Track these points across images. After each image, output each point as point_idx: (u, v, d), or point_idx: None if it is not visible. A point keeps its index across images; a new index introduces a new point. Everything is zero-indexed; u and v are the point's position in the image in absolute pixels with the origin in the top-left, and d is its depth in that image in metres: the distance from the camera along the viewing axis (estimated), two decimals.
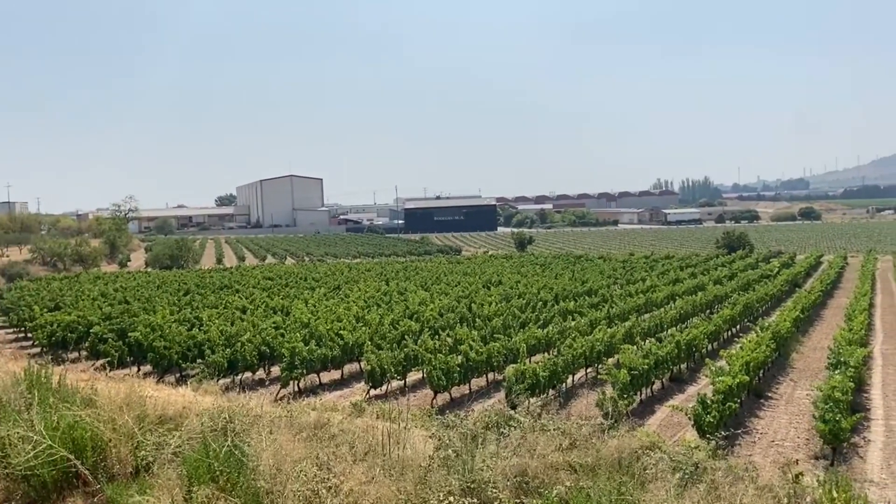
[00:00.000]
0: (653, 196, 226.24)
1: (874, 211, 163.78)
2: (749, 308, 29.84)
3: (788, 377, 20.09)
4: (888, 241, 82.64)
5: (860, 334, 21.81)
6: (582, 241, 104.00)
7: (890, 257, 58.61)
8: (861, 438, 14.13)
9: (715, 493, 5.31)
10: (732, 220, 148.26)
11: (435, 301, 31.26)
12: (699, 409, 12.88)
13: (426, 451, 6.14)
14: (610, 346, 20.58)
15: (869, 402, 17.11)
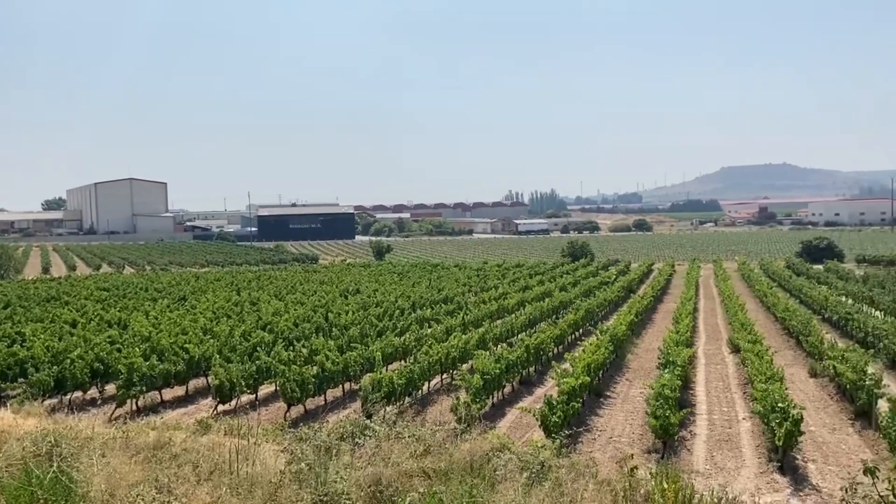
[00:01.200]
0: (505, 207, 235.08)
1: (697, 223, 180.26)
2: (590, 313, 31.73)
3: (625, 377, 21.55)
4: (710, 250, 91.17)
5: (686, 336, 23.86)
6: (439, 250, 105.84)
7: (711, 265, 64.63)
8: (688, 432, 15.41)
9: (559, 489, 5.58)
10: (576, 231, 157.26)
11: (290, 311, 30.48)
12: (546, 410, 13.48)
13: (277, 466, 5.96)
14: (464, 352, 21.07)
15: (694, 398, 18.72)
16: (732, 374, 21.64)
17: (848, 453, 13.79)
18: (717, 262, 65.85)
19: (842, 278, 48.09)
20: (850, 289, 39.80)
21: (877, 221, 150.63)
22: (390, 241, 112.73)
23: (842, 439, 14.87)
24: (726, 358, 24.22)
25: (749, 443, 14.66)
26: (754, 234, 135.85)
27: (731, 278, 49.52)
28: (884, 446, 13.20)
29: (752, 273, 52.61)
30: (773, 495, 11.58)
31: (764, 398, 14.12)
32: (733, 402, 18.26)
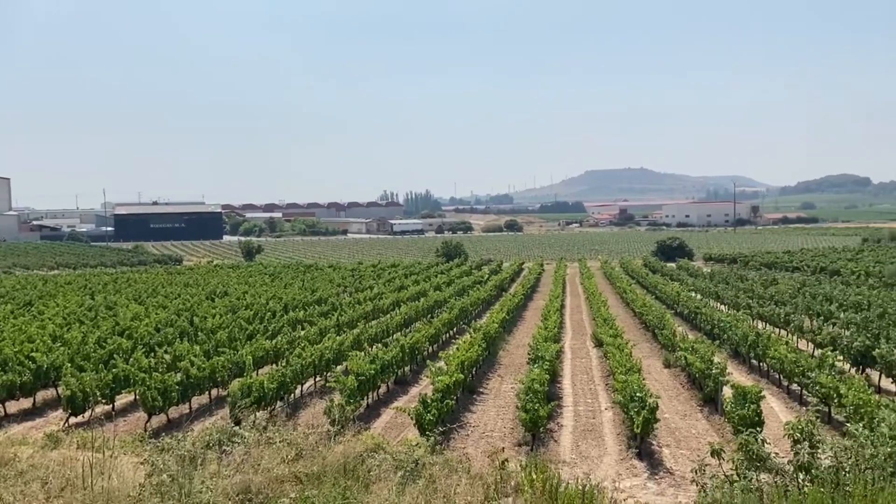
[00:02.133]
0: (380, 207, 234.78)
1: (564, 224, 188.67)
2: (464, 312, 32.36)
3: (497, 373, 22.16)
4: (575, 249, 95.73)
5: (554, 332, 24.90)
6: (312, 250, 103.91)
7: (577, 264, 67.84)
8: (556, 424, 16.07)
9: (433, 486, 5.64)
10: (450, 231, 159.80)
11: (151, 315, 28.81)
12: (420, 409, 13.58)
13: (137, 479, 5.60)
14: (339, 354, 20.81)
15: (561, 391, 19.55)
16: (596, 366, 22.81)
17: (697, 437, 14.92)
18: (581, 261, 69.26)
19: (692, 275, 52.03)
20: (699, 285, 43.15)
21: (721, 222, 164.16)
22: (261, 242, 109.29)
23: (692, 424, 16.07)
24: (590, 352, 25.49)
25: (611, 431, 15.51)
26: (615, 234, 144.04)
27: (595, 276, 52.23)
28: (728, 430, 14.39)
29: (614, 271, 55.77)
30: (632, 480, 12.32)
31: (624, 389, 15.00)
32: (597, 393, 19.24)
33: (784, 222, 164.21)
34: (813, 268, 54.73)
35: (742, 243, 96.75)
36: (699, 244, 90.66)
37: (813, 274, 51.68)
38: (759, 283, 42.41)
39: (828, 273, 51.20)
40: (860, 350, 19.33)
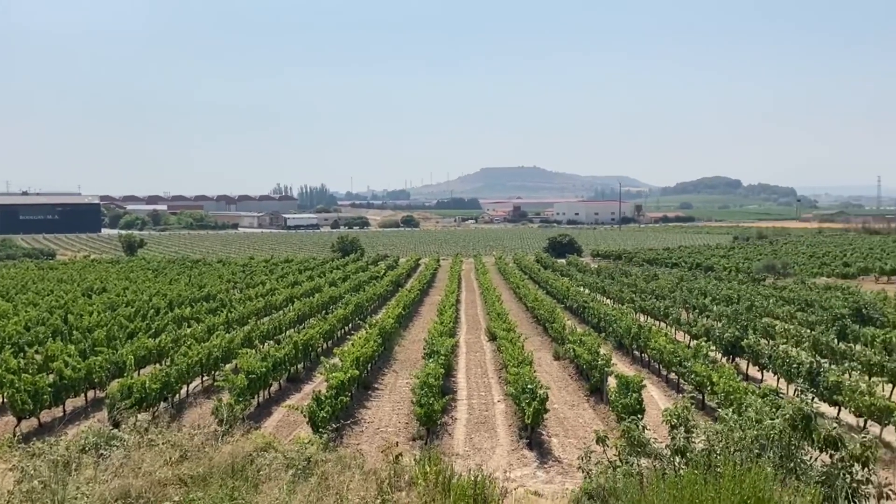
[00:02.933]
0: (273, 200, 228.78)
1: (460, 220, 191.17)
2: (360, 307, 32.11)
3: (392, 368, 22.16)
4: (471, 246, 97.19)
5: (449, 326, 25.18)
6: (200, 245, 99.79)
7: (472, 260, 68.89)
8: (450, 417, 16.26)
9: (325, 483, 5.56)
10: (346, 226, 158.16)
11: (20, 313, 26.77)
12: (314, 406, 13.36)
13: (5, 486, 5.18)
14: (228, 352, 20.12)
15: (456, 385, 19.81)
16: (490, 360, 23.26)
17: (584, 426, 15.53)
18: (477, 256, 70.44)
19: (580, 271, 54.08)
20: (587, 280, 44.91)
21: (608, 220, 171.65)
22: (144, 236, 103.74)
23: (580, 414, 16.71)
24: (484, 346, 25.97)
25: (503, 423, 15.87)
26: (509, 230, 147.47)
27: (490, 272, 53.24)
28: (613, 418, 15.07)
29: (508, 267, 57.07)
30: (523, 469, 12.66)
31: (516, 381, 15.39)
32: (490, 386, 19.63)
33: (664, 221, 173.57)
34: (690, 264, 58.22)
35: (627, 240, 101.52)
36: (588, 241, 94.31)
37: (690, 270, 54.95)
38: (641, 279, 44.64)
39: (703, 269, 54.62)
40: (730, 340, 20.74)
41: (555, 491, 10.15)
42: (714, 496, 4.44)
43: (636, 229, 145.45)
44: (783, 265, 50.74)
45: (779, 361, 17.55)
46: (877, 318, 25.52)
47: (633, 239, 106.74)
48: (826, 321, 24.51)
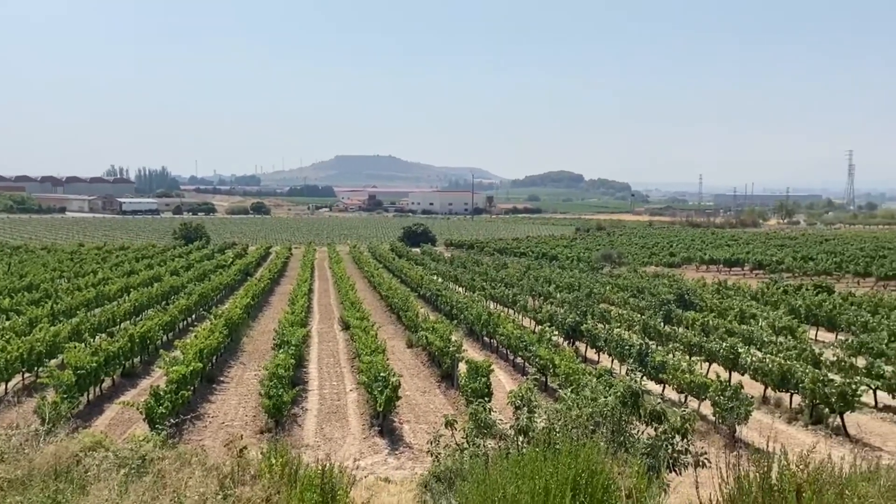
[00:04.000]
0: (106, 183, 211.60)
1: (314, 208, 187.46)
2: (205, 297, 30.64)
3: (239, 360, 21.35)
4: (325, 234, 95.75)
5: (301, 316, 24.66)
6: (21, 230, 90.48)
7: (326, 248, 67.89)
8: (300, 409, 15.95)
9: (161, 481, 5.23)
10: (190, 212, 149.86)
11: None
12: (151, 402, 12.58)
13: None
14: (54, 346, 18.44)
15: (307, 375, 19.46)
16: (343, 349, 23.07)
17: (435, 411, 15.83)
18: (331, 245, 69.50)
19: (434, 260, 55.00)
20: (441, 269, 45.77)
21: (461, 211, 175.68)
22: None
23: (431, 400, 17.01)
24: (338, 335, 25.71)
25: (355, 412, 15.81)
26: (365, 219, 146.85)
27: (344, 261, 52.75)
28: (462, 402, 15.47)
29: (362, 256, 56.83)
30: (374, 457, 12.69)
31: (368, 370, 15.37)
32: (342, 375, 19.47)
33: (514, 212, 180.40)
34: (537, 253, 61.05)
35: (479, 230, 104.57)
36: (442, 231, 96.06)
37: (536, 259, 57.61)
38: (492, 268, 46.21)
39: (548, 258, 57.46)
40: (571, 325, 22.00)
41: (405, 476, 10.27)
42: (552, 471, 4.66)
43: (488, 220, 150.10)
44: (619, 255, 54.55)
45: (613, 344, 18.85)
46: (696, 303, 28.13)
47: (485, 229, 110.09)
48: (654, 306, 26.65)
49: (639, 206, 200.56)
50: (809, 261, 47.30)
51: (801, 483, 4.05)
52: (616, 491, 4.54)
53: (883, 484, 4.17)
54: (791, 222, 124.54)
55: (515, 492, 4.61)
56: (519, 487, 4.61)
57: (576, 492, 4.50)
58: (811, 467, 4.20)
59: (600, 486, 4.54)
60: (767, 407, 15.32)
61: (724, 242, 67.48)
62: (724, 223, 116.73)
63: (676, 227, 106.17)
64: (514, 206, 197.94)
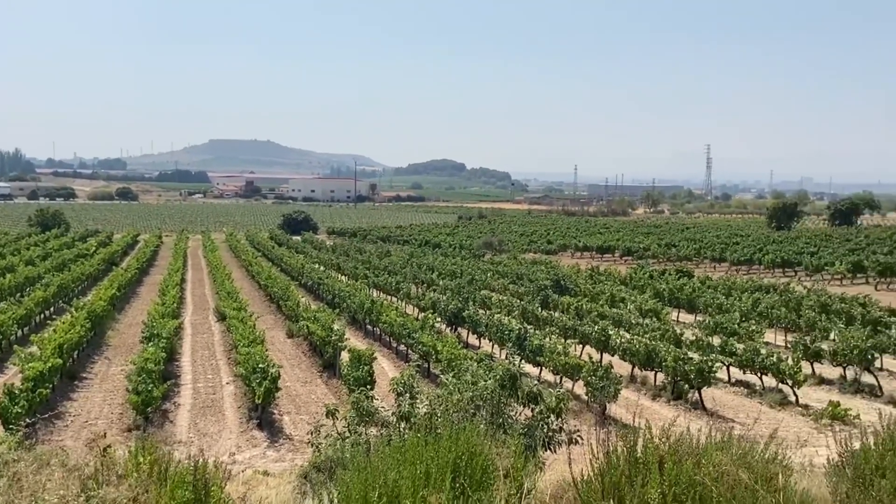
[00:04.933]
0: None
1: (186, 194, 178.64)
2: (65, 289, 28.54)
3: (104, 355, 20.07)
4: (199, 221, 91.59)
5: (173, 307, 23.51)
6: None
7: (199, 236, 65.04)
8: (172, 404, 15.22)
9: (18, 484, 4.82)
10: (47, 197, 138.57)
11: None
12: (6, 401, 11.59)
13: None
14: None
15: (180, 369, 18.59)
16: (218, 341, 22.22)
17: (317, 401, 15.59)
18: (205, 233, 66.60)
19: (316, 248, 54.09)
20: (322, 257, 45.07)
21: (344, 198, 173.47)
22: None
23: (312, 390, 16.74)
24: (213, 326, 24.73)
25: (232, 405, 15.29)
26: (241, 206, 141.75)
27: (220, 249, 50.76)
28: (345, 391, 15.34)
29: (240, 244, 54.92)
30: (252, 450, 12.34)
31: (246, 361, 14.90)
32: (218, 368, 18.77)
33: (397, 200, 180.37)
34: (420, 241, 61.46)
35: (362, 218, 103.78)
36: (323, 218, 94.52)
37: (420, 246, 58.00)
38: (375, 255, 46.08)
39: (431, 246, 58.02)
40: (454, 312, 22.34)
41: (284, 468, 10.06)
42: (433, 455, 4.71)
43: (371, 207, 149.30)
44: (500, 242, 55.99)
45: (493, 329, 19.33)
46: (571, 288, 29.39)
47: (368, 217, 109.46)
48: (532, 292, 27.59)
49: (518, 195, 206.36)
50: (672, 247, 50.60)
51: (664, 455, 4.31)
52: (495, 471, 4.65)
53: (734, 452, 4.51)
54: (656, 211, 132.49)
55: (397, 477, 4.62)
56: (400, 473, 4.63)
57: (456, 474, 4.57)
58: (672, 440, 4.49)
59: (480, 468, 4.64)
60: (635, 385, 16.26)
61: (597, 230, 70.85)
62: (597, 212, 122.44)
63: (553, 216, 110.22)
64: (397, 193, 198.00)
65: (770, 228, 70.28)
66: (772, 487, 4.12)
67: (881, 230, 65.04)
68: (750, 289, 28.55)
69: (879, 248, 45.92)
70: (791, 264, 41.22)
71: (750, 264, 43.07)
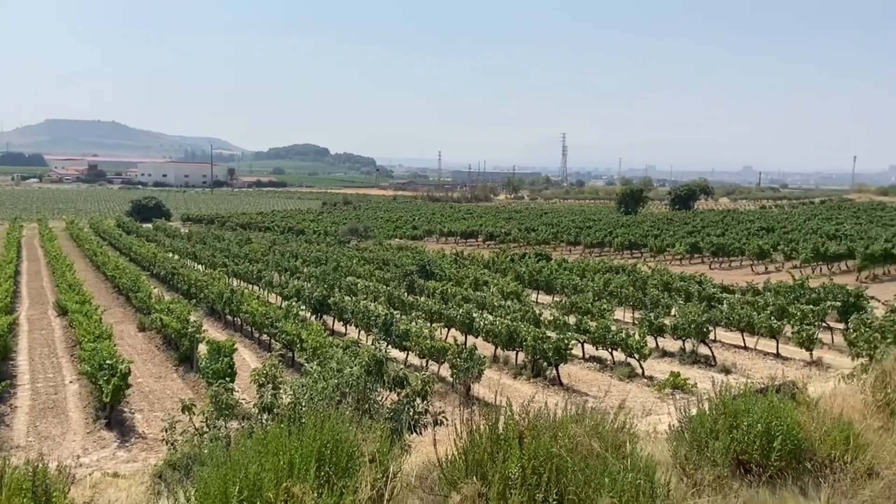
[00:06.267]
0: None
1: (19, 179, 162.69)
2: None
3: None
4: (34, 208, 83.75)
5: (6, 301, 21.41)
6: None
7: (36, 224, 59.56)
8: (8, 406, 13.91)
9: None
10: None
11: None
12: None
13: None
14: None
15: (16, 368, 17.00)
16: (60, 337, 20.53)
17: (172, 397, 14.80)
18: (42, 221, 61.10)
19: (169, 236, 51.16)
20: (177, 245, 42.73)
21: (199, 183, 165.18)
22: None
23: (167, 385, 15.88)
24: (53, 322, 22.81)
25: (77, 405, 14.20)
26: (84, 191, 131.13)
27: (59, 238, 46.81)
28: (204, 385, 14.67)
29: (82, 232, 50.88)
30: (101, 452, 11.52)
31: (92, 358, 13.85)
32: (60, 366, 17.34)
33: (258, 185, 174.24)
34: (282, 228, 59.84)
35: (220, 204, 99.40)
36: (177, 204, 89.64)
37: (282, 233, 56.51)
38: (234, 243, 44.33)
39: (295, 232, 56.68)
40: (318, 299, 21.98)
41: (137, 469, 9.48)
42: (297, 445, 4.61)
43: (230, 193, 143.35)
44: (365, 228, 55.69)
45: (360, 316, 19.23)
46: (437, 273, 29.82)
47: (227, 203, 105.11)
48: (398, 277, 27.71)
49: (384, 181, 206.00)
50: (532, 232, 52.68)
51: (523, 430, 4.48)
52: (360, 457, 4.62)
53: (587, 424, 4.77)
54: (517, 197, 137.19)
55: (258, 470, 4.48)
56: (262, 465, 4.49)
57: (321, 462, 4.51)
58: (531, 415, 4.67)
59: (345, 454, 4.60)
60: (498, 365, 16.82)
61: (461, 216, 72.30)
62: (461, 198, 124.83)
63: (418, 202, 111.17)
64: (258, 179, 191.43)
65: (619, 213, 74.92)
66: (621, 454, 4.40)
67: (714, 214, 71.40)
68: (602, 270, 30.29)
69: (713, 230, 50.36)
70: (638, 246, 44.21)
71: (602, 247, 45.71)
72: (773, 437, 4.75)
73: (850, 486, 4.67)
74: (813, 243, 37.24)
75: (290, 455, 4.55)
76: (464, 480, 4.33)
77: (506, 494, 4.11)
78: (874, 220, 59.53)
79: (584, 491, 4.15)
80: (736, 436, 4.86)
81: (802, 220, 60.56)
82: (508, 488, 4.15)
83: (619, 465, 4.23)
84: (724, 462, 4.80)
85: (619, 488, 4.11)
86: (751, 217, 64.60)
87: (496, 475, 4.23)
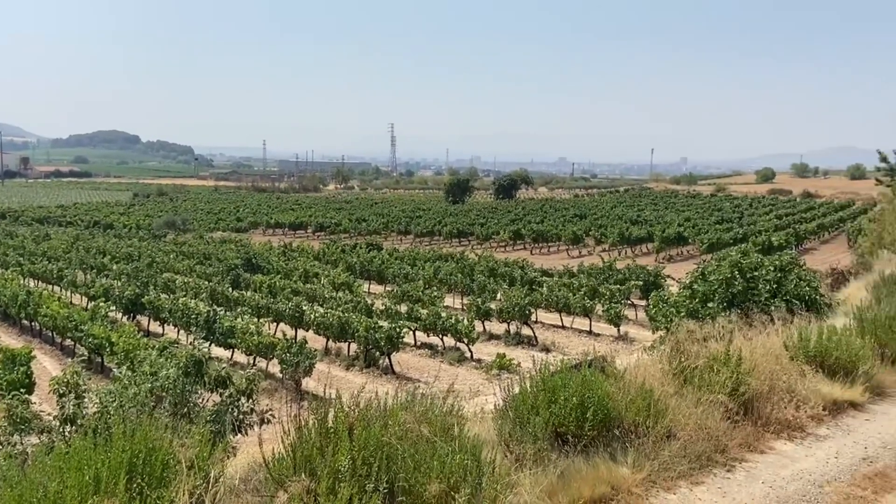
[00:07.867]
0: None
1: None
2: None
3: None
4: None
5: None
6: None
7: None
8: None
9: None
10: None
11: None
12: None
13: None
14: None
15: None
16: None
17: None
18: None
19: None
20: None
21: None
22: None
23: None
24: None
25: None
26: None
27: None
28: None
29: None
30: None
31: None
32: None
33: (57, 175, 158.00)
34: (87, 222, 54.80)
35: (12, 197, 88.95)
36: None
37: (87, 228, 51.80)
38: (30, 240, 40.08)
39: (102, 227, 52.15)
40: (131, 298, 20.39)
41: None
42: (104, 458, 4.22)
43: (23, 184, 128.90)
44: (183, 221, 52.50)
45: (178, 314, 18.09)
46: (264, 266, 28.84)
47: (20, 195, 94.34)
48: (222, 272, 26.44)
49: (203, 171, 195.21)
50: (363, 222, 52.58)
51: (353, 421, 4.42)
52: (178, 464, 4.33)
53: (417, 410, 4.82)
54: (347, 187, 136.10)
55: (60, 488, 4.05)
56: (64, 482, 4.07)
57: (132, 474, 4.16)
58: (361, 405, 4.63)
59: (160, 463, 4.28)
60: (329, 357, 16.60)
61: (289, 207, 70.40)
62: (289, 188, 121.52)
63: (243, 193, 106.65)
64: (56, 168, 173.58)
65: (448, 202, 76.93)
66: (449, 437, 4.48)
67: (534, 202, 75.60)
68: (432, 258, 30.94)
69: (533, 217, 53.32)
70: (465, 234, 45.71)
71: (431, 235, 46.69)
72: (587, 408, 5.09)
73: (652, 447, 5.13)
74: (619, 229, 40.71)
75: (97, 469, 4.16)
76: (292, 478, 4.20)
77: (335, 488, 4.04)
78: (669, 206, 66.27)
79: (413, 476, 4.18)
80: (554, 410, 5.15)
81: (610, 207, 65.89)
82: (338, 481, 4.08)
83: (447, 447, 4.31)
84: (543, 436, 5.06)
85: (448, 470, 4.19)
86: (566, 205, 69.17)
87: (325, 469, 4.14)
